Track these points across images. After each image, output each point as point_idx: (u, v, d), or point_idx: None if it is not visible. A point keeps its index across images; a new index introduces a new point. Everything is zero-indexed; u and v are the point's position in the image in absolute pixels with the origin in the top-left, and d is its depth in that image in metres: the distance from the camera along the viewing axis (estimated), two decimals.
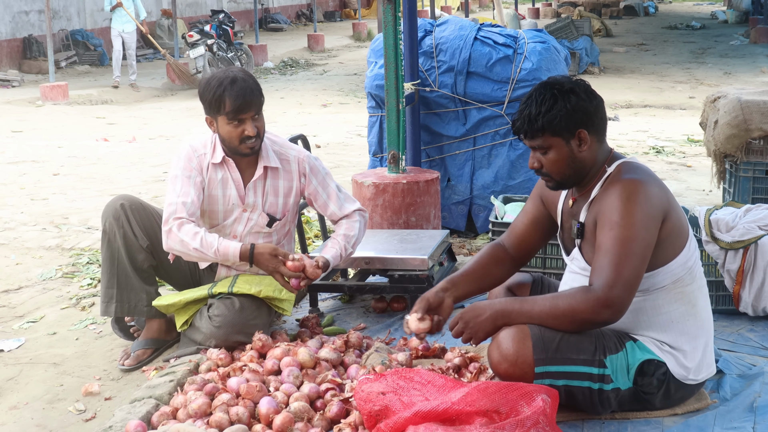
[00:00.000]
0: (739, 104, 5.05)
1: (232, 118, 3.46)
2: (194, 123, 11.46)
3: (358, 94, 13.76)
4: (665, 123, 10.49)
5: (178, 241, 3.46)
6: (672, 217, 2.79)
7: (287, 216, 3.72)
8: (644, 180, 2.77)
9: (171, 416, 2.99)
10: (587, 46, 15.90)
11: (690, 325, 2.87)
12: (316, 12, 25.39)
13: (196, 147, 3.63)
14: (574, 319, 2.72)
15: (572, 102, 2.79)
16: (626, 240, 2.68)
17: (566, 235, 3.02)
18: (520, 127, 2.84)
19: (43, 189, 7.41)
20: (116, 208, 3.62)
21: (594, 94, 2.85)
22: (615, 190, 2.76)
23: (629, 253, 2.67)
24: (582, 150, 2.84)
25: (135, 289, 3.64)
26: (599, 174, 2.88)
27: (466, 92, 5.36)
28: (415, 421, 2.52)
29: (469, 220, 5.52)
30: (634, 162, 2.88)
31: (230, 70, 3.53)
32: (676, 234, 2.81)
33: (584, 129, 2.82)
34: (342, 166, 8.08)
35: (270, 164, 3.63)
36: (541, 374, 2.76)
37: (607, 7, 29.23)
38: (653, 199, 2.74)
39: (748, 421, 2.86)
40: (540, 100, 2.80)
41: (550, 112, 2.78)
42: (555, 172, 2.87)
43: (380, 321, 4.00)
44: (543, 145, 2.83)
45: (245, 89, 3.45)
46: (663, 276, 2.81)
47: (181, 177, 3.57)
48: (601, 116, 2.88)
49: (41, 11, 17.65)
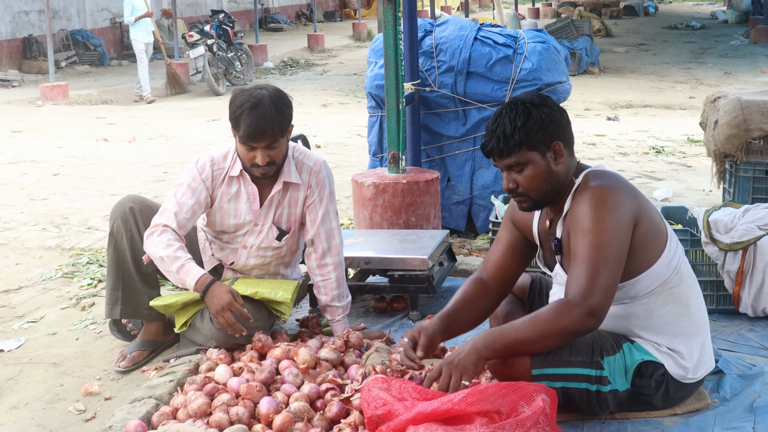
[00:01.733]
0: (739, 104, 5.05)
1: (243, 142, 3.41)
2: (194, 123, 11.46)
3: (358, 94, 13.76)
4: (665, 123, 10.50)
5: (153, 245, 3.44)
6: (644, 220, 2.77)
7: (295, 228, 3.68)
8: (611, 186, 2.75)
9: (171, 416, 2.99)
10: (587, 46, 15.91)
11: (684, 325, 2.86)
12: (316, 12, 25.40)
13: (216, 160, 3.57)
14: (558, 334, 2.67)
15: (545, 113, 2.78)
16: (599, 246, 2.66)
17: (547, 254, 3.00)
18: (494, 146, 2.78)
19: (43, 189, 7.41)
20: (125, 210, 3.61)
21: (562, 108, 2.85)
22: (584, 199, 2.74)
23: (604, 260, 2.65)
24: (558, 163, 2.82)
25: (138, 293, 3.64)
26: (569, 187, 2.86)
27: (466, 92, 5.36)
28: (415, 421, 2.53)
29: (469, 220, 5.52)
30: (601, 169, 2.86)
31: (260, 91, 3.39)
32: (651, 236, 2.79)
33: (559, 141, 2.81)
34: (342, 166, 8.08)
35: (291, 180, 3.57)
36: (538, 376, 2.75)
37: (607, 7, 29.23)
38: (623, 204, 2.72)
39: (748, 421, 2.86)
40: (513, 116, 2.77)
41: (527, 125, 2.75)
42: (532, 190, 2.82)
43: (380, 321, 4.00)
44: (519, 161, 2.79)
45: (262, 119, 3.33)
46: (648, 280, 2.80)
47: (186, 187, 3.54)
48: (570, 129, 2.87)
49: (41, 11, 17.65)
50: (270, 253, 3.67)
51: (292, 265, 3.86)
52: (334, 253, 3.67)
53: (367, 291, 4.10)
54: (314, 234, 3.64)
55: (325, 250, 3.65)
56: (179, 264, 3.40)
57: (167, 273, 3.46)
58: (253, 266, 3.69)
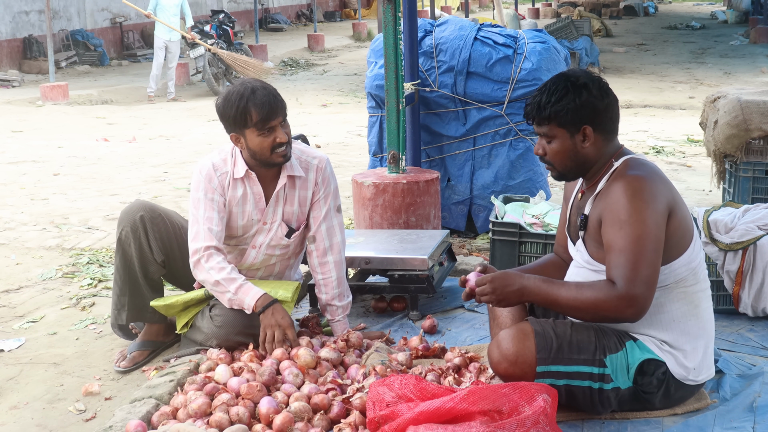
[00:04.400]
0: (739, 104, 5.05)
1: (261, 128, 3.38)
2: (194, 123, 11.46)
3: (358, 94, 13.76)
4: (665, 123, 10.50)
5: (205, 271, 3.43)
6: (677, 214, 2.79)
7: (303, 227, 3.69)
8: (648, 177, 2.77)
9: (171, 416, 2.99)
10: (587, 46, 15.90)
11: (691, 325, 2.87)
12: (316, 12, 25.39)
13: (217, 165, 3.56)
14: (596, 312, 2.72)
15: (582, 97, 2.80)
16: (638, 238, 2.68)
17: (572, 227, 3.04)
18: (530, 112, 2.88)
19: (44, 189, 7.41)
20: (135, 219, 3.59)
21: (607, 92, 2.86)
22: (619, 187, 2.76)
23: (644, 251, 2.67)
24: (585, 146, 2.85)
25: (143, 297, 3.64)
26: (606, 167, 2.88)
27: (466, 92, 5.36)
28: (417, 420, 2.53)
29: (469, 220, 5.53)
30: (641, 159, 2.88)
31: (246, 82, 3.44)
32: (681, 232, 2.80)
33: (589, 125, 2.83)
34: (342, 166, 8.08)
35: (294, 173, 3.58)
36: (543, 374, 2.76)
37: (607, 7, 29.22)
38: (659, 195, 2.74)
39: (748, 421, 2.86)
40: (552, 89, 2.83)
41: (559, 103, 2.80)
42: (557, 162, 2.90)
43: (380, 321, 4.00)
44: (548, 133, 2.87)
45: (268, 96, 3.38)
46: (665, 275, 2.80)
47: (204, 200, 3.51)
48: (611, 115, 2.88)
49: (41, 11, 17.64)
50: (278, 252, 3.68)
51: (294, 266, 3.87)
52: (335, 250, 3.67)
53: (367, 291, 4.10)
54: (316, 231, 3.66)
55: (327, 248, 3.66)
56: (237, 285, 3.40)
57: (220, 295, 3.44)
58: (259, 266, 3.69)
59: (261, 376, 3.09)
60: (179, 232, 3.69)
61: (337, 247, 3.68)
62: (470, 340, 3.72)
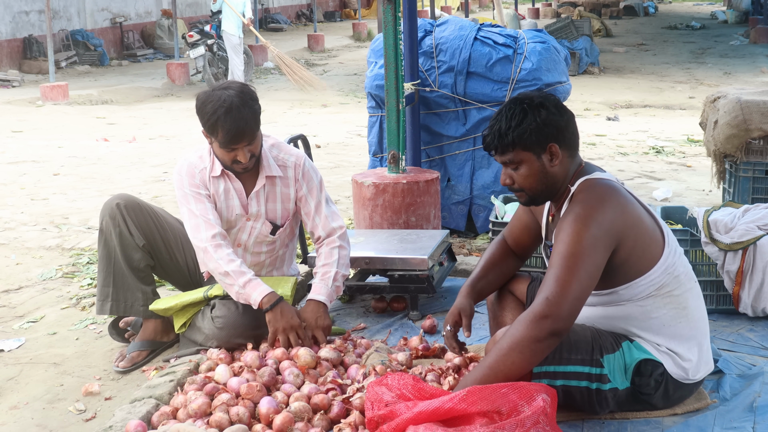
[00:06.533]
0: (738, 104, 5.05)
1: (224, 146, 3.44)
2: (194, 123, 11.41)
3: (358, 94, 13.76)
4: (665, 123, 10.50)
5: (214, 260, 3.45)
6: (631, 235, 2.74)
7: (289, 222, 3.73)
8: (596, 204, 2.73)
9: (171, 416, 2.99)
10: (587, 46, 15.91)
11: (682, 327, 2.86)
12: (316, 12, 25.39)
13: (194, 163, 3.61)
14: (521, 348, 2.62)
15: (542, 116, 2.78)
16: (571, 255, 2.65)
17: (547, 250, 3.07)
18: (491, 142, 2.84)
19: (44, 189, 7.41)
20: (112, 207, 3.62)
21: (564, 109, 2.85)
22: (570, 212, 2.75)
23: (574, 268, 2.64)
24: (554, 164, 2.83)
25: (131, 289, 3.64)
26: (566, 193, 2.87)
27: (466, 92, 5.36)
28: (416, 421, 2.53)
29: (469, 220, 5.53)
30: (596, 178, 2.83)
31: (226, 94, 3.40)
32: (642, 247, 2.77)
33: (555, 143, 2.81)
34: (342, 166, 8.09)
35: (271, 173, 3.62)
36: (539, 374, 2.76)
37: (607, 7, 29.24)
38: (605, 224, 2.70)
39: (748, 421, 2.86)
40: (510, 114, 2.80)
41: (520, 126, 2.78)
42: (527, 188, 2.86)
43: (380, 321, 4.00)
44: (514, 160, 2.83)
45: (238, 120, 3.38)
46: (644, 285, 2.80)
47: (192, 195, 3.55)
48: (572, 130, 2.87)
49: (41, 11, 17.65)
50: (265, 249, 3.71)
51: (288, 261, 3.88)
52: (335, 234, 3.70)
53: (367, 291, 4.10)
54: (312, 225, 3.71)
55: (323, 237, 3.70)
56: (246, 279, 3.42)
57: (228, 287, 3.46)
58: (249, 265, 3.69)
59: (261, 376, 3.10)
60: (160, 221, 3.72)
61: (336, 232, 3.70)
62: (470, 340, 3.72)
